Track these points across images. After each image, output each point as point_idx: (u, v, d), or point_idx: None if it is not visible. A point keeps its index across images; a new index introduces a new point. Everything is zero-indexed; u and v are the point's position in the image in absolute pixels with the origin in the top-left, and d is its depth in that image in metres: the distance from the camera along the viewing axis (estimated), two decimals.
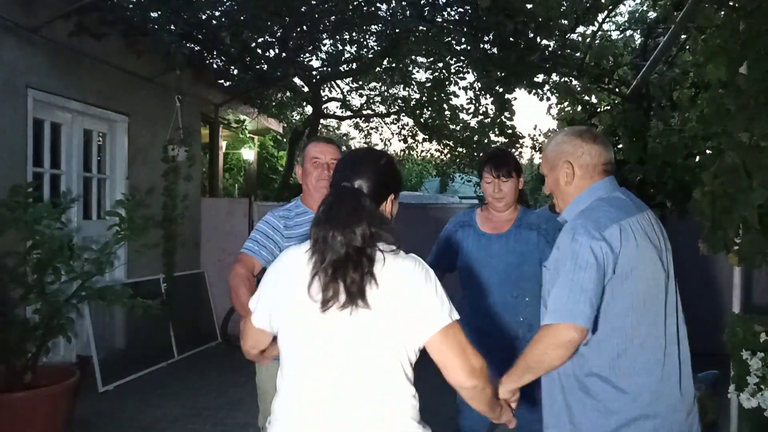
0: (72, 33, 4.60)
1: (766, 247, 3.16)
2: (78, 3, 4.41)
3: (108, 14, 4.68)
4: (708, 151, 4.09)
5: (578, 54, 7.18)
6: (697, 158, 5.38)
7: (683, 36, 6.43)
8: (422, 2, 6.25)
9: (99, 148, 5.56)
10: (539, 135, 13.34)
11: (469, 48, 6.24)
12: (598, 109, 8.67)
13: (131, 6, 4.97)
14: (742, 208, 3.12)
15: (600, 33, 7.68)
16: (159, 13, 5.23)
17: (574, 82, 7.61)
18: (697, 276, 5.71)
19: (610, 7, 5.71)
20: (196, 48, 6.31)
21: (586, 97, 7.97)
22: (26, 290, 3.56)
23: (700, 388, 3.78)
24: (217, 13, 6.06)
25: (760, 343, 3.10)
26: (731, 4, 3.73)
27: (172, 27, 5.12)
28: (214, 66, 7.05)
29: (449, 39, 6.35)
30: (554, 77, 7.28)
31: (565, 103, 8.50)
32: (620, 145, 7.31)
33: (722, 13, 4.01)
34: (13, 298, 3.66)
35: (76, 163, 5.13)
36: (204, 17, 5.76)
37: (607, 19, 7.79)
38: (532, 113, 20.38)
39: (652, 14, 7.86)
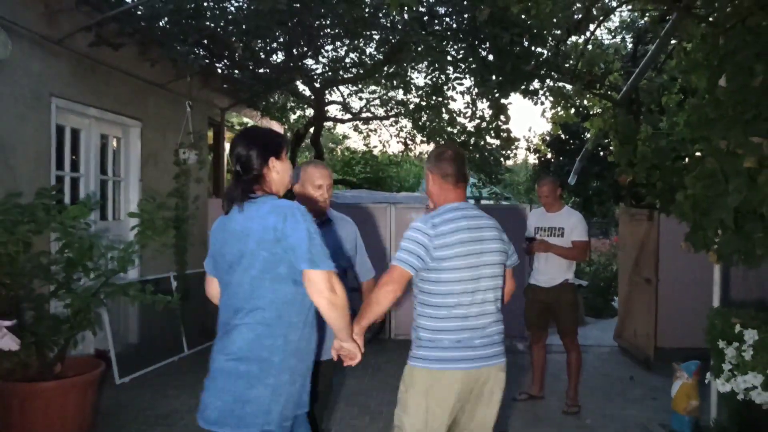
0: (92, 44, 4.85)
1: (742, 246, 3.44)
2: (99, 16, 4.66)
3: (126, 26, 4.93)
4: (696, 155, 4.36)
5: (571, 61, 7.47)
6: (684, 161, 5.67)
7: (673, 41, 6.73)
8: (422, 10, 6.51)
9: (114, 151, 5.81)
10: (533, 137, 13.66)
11: (466, 56, 6.50)
12: (591, 112, 8.98)
13: (147, 17, 5.20)
14: (720, 211, 3.40)
15: (592, 39, 7.97)
16: (172, 23, 5.47)
17: (568, 87, 7.89)
18: (687, 273, 6.01)
19: (601, 18, 5.99)
20: (203, 53, 6.55)
21: (578, 101, 8.26)
22: (57, 287, 3.82)
23: (682, 377, 4.09)
24: (222, 23, 6.28)
25: (735, 334, 3.39)
26: (711, 20, 4.01)
27: (187, 34, 5.35)
28: (220, 71, 7.29)
29: (447, 48, 6.60)
30: (548, 82, 7.56)
31: (559, 107, 8.80)
32: (611, 148, 7.61)
33: (703, 25, 4.30)
34: (42, 294, 3.91)
35: (94, 166, 5.38)
36: (213, 26, 5.99)
37: (600, 27, 8.08)
38: (527, 115, 20.71)
39: (642, 21, 8.17)
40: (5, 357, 3.58)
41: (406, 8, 4.87)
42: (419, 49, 6.33)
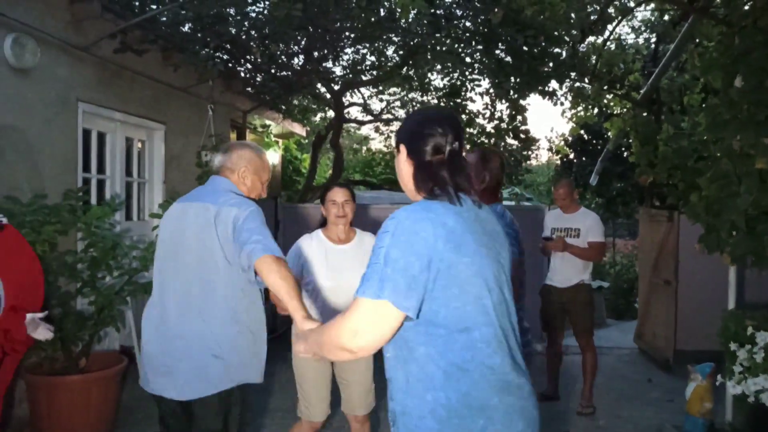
0: (116, 50, 5.01)
1: (753, 247, 3.42)
2: (123, 23, 4.82)
3: (149, 32, 5.08)
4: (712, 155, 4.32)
5: (592, 60, 7.43)
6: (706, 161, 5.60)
7: (697, 41, 6.65)
8: (438, 12, 6.56)
9: (139, 154, 5.99)
10: (556, 137, 13.53)
11: (482, 58, 6.53)
12: (614, 112, 8.90)
13: (170, 24, 5.35)
14: (731, 212, 3.39)
15: (612, 38, 7.91)
16: (194, 28, 5.62)
17: (587, 87, 7.85)
18: (707, 275, 5.94)
19: (619, 18, 5.95)
20: (226, 57, 6.69)
21: (598, 102, 8.20)
22: (82, 284, 3.98)
23: (696, 379, 4.07)
24: (244, 28, 6.42)
25: (748, 336, 3.37)
26: (727, 20, 3.98)
27: (208, 39, 5.49)
28: (242, 74, 7.44)
29: (463, 50, 6.63)
30: (567, 83, 7.53)
31: (580, 108, 8.75)
32: (632, 148, 7.54)
33: (721, 27, 4.28)
34: (68, 291, 4.07)
35: (119, 168, 5.56)
36: (234, 31, 6.13)
37: (621, 25, 8.01)
38: (549, 115, 20.56)
39: (661, 21, 8.08)
40: (33, 351, 3.75)
41: (421, 11, 4.93)
42: (437, 49, 6.38)
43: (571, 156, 13.19)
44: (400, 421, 1.51)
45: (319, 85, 8.68)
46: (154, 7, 5.54)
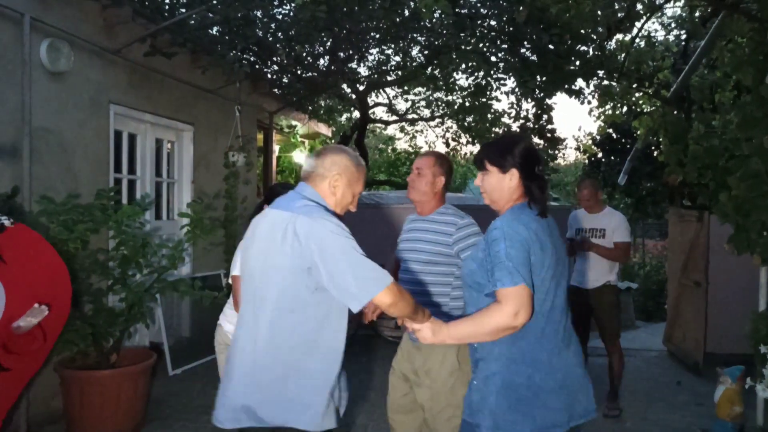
0: (147, 53, 5.13)
1: None
2: (153, 27, 4.94)
3: (178, 36, 5.19)
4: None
5: (620, 57, 7.31)
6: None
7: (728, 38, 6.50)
8: (462, 11, 6.55)
9: (168, 155, 6.11)
10: (583, 136, 13.38)
11: (507, 57, 6.50)
12: (643, 110, 8.74)
13: (198, 27, 5.46)
14: (761, 212, 3.32)
15: (641, 35, 7.77)
16: (221, 31, 5.72)
17: (615, 85, 7.74)
18: (738, 276, 5.81)
19: (648, 15, 5.85)
20: (253, 59, 6.80)
21: (627, 100, 8.07)
22: (113, 282, 4.09)
23: (726, 382, 3.99)
24: (271, 30, 6.51)
25: None
26: (758, 16, 3.90)
27: (235, 42, 5.59)
28: (269, 76, 7.54)
29: (487, 50, 6.61)
30: (594, 81, 7.43)
31: (608, 106, 8.62)
32: (662, 147, 7.40)
33: (753, 23, 4.18)
34: (100, 288, 4.19)
35: (149, 168, 5.69)
36: (260, 33, 6.22)
37: (652, 20, 7.86)
38: (577, 114, 20.27)
39: (692, 18, 7.93)
40: (66, 347, 3.87)
41: (443, 14, 4.93)
42: (462, 49, 6.37)
43: (600, 155, 13.01)
44: (479, 365, 2.07)
45: (344, 86, 8.74)
46: (183, 11, 5.66)
